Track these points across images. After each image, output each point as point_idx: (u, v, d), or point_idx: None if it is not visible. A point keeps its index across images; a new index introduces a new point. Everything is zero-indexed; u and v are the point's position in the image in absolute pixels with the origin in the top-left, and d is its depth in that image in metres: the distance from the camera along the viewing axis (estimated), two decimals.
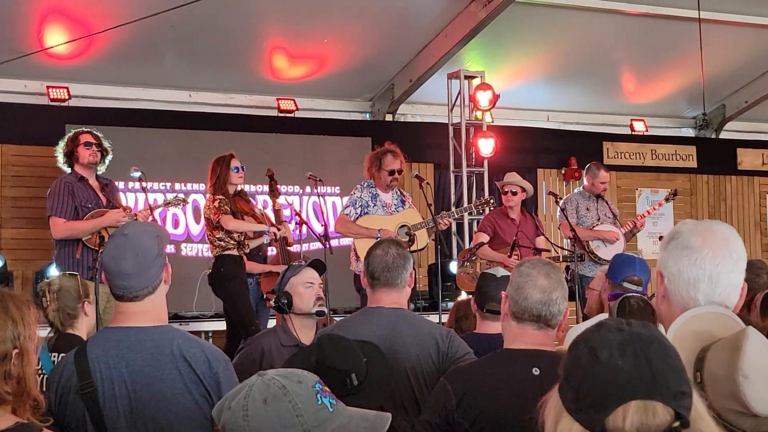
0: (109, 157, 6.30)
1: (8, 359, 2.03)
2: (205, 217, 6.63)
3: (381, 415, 1.78)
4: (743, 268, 2.08)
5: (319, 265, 4.27)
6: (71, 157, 6.16)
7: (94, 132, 6.29)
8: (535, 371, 2.61)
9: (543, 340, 2.68)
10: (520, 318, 2.67)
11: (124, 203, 6.84)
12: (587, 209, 8.01)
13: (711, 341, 1.81)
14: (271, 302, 4.47)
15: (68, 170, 6.23)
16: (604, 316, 3.60)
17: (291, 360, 3.19)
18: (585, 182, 8.18)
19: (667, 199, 8.79)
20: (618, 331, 1.36)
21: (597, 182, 8.04)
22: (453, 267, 8.42)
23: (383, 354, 3.14)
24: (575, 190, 8.67)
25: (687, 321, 1.93)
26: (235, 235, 6.46)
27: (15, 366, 2.03)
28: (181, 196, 6.79)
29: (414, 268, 3.64)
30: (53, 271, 6.29)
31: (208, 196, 6.62)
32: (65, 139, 6.29)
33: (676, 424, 1.28)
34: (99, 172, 6.29)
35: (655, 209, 8.38)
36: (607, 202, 8.16)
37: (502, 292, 2.78)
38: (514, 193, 7.59)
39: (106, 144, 6.27)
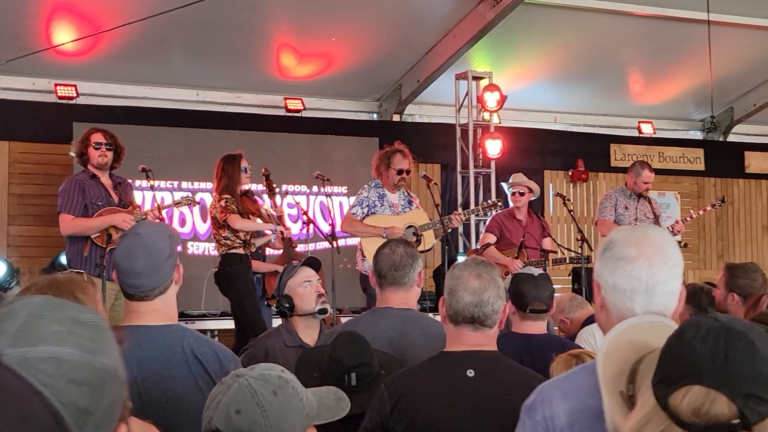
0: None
1: None
2: (211, 216, 6.63)
3: (332, 389, 1.85)
4: (679, 275, 2.00)
5: (313, 263, 4.23)
6: (83, 157, 6.16)
7: (107, 130, 6.18)
8: (470, 373, 2.60)
9: (481, 340, 2.66)
10: (455, 321, 2.66)
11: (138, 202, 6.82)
12: (626, 207, 7.69)
13: (647, 351, 1.76)
14: (273, 307, 4.45)
15: (82, 169, 6.23)
16: None
17: (311, 351, 3.19)
18: (627, 180, 7.83)
19: (713, 206, 8.57)
20: (713, 321, 1.36)
21: (639, 181, 7.69)
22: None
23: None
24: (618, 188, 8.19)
25: (623, 331, 1.86)
26: (241, 234, 6.46)
27: None
28: (192, 196, 6.74)
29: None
30: (63, 260, 6.30)
31: (214, 195, 6.62)
32: (78, 139, 6.28)
33: (736, 421, 1.25)
34: (115, 171, 6.27)
35: (699, 214, 8.01)
36: (650, 202, 7.81)
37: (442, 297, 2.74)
38: (522, 194, 7.57)
39: (120, 142, 6.22)
